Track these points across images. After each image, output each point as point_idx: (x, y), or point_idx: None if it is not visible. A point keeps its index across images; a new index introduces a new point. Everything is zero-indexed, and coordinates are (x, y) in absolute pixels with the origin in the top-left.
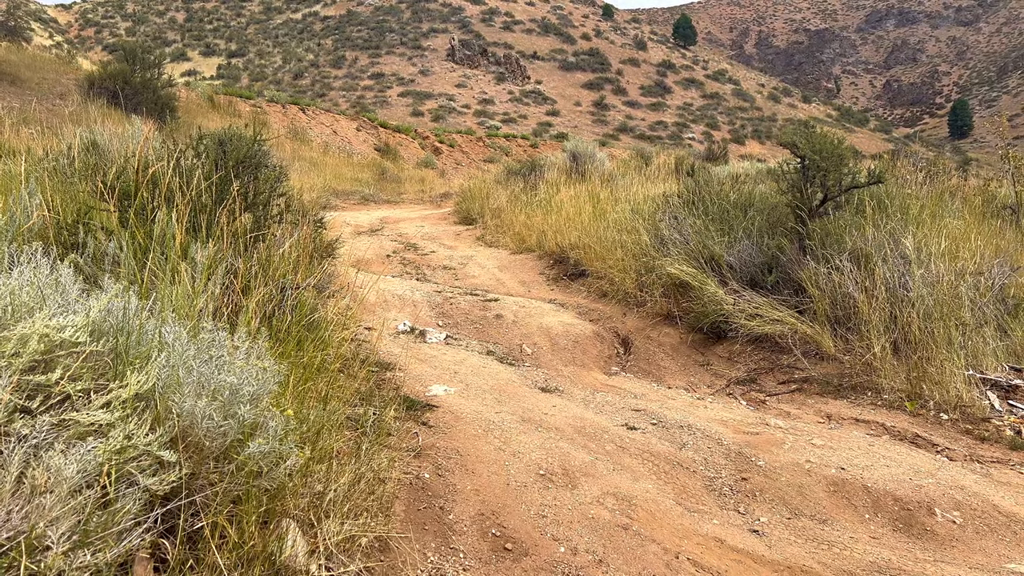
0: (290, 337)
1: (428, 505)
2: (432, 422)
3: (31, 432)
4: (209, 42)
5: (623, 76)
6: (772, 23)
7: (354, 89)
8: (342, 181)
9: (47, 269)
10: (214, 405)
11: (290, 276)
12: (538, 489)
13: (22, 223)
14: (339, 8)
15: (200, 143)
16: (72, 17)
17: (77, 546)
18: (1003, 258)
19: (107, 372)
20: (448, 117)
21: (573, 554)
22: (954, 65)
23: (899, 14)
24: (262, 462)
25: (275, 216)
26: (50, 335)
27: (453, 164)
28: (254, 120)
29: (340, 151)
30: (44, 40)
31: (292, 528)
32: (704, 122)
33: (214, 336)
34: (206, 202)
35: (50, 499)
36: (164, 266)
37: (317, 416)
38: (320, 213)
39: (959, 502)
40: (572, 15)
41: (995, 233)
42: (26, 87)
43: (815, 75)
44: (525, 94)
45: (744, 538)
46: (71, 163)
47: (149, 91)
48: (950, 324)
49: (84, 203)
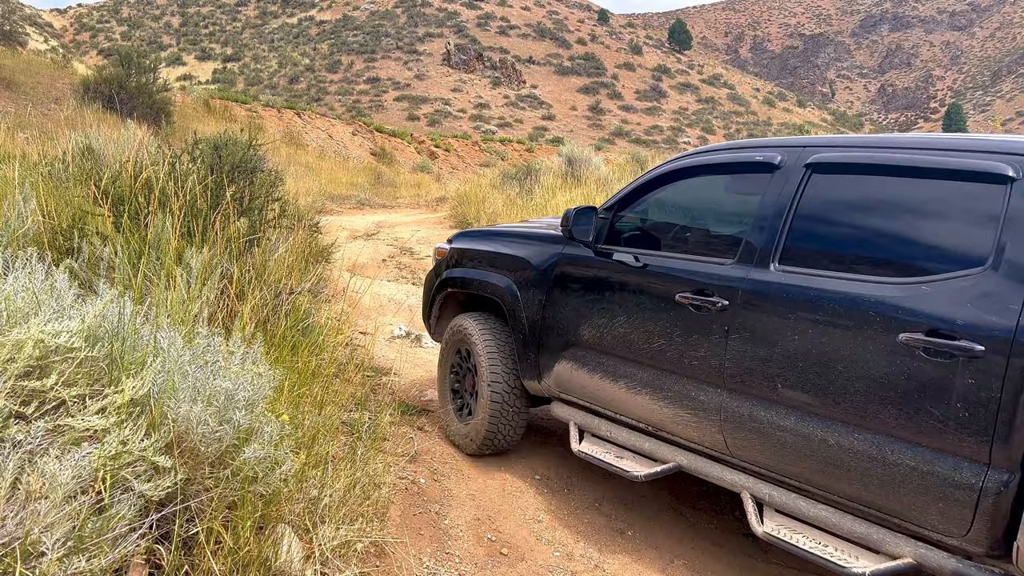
0: (285, 342)
1: (424, 510)
2: (428, 427)
3: (26, 438)
4: (204, 46)
5: (618, 80)
6: (767, 27)
7: (350, 94)
8: (338, 186)
9: (42, 274)
10: (209, 410)
11: (285, 281)
12: (534, 494)
13: (17, 228)
14: (335, 13)
15: (195, 148)
16: (67, 21)
17: (72, 552)
18: None
19: (102, 378)
20: (444, 122)
21: (568, 559)
22: (948, 70)
23: (893, 19)
24: (257, 467)
25: (270, 221)
26: (45, 341)
27: (449, 168)
28: (249, 125)
29: (336, 155)
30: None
31: (287, 533)
32: (699, 126)
33: (209, 341)
34: (201, 207)
35: (45, 505)
36: (159, 271)
37: (312, 421)
38: (316, 218)
39: None
40: (567, 20)
41: None
42: (21, 91)
43: (810, 79)
44: (521, 98)
45: (740, 543)
46: (66, 168)
47: (144, 96)
48: None
49: (79, 208)
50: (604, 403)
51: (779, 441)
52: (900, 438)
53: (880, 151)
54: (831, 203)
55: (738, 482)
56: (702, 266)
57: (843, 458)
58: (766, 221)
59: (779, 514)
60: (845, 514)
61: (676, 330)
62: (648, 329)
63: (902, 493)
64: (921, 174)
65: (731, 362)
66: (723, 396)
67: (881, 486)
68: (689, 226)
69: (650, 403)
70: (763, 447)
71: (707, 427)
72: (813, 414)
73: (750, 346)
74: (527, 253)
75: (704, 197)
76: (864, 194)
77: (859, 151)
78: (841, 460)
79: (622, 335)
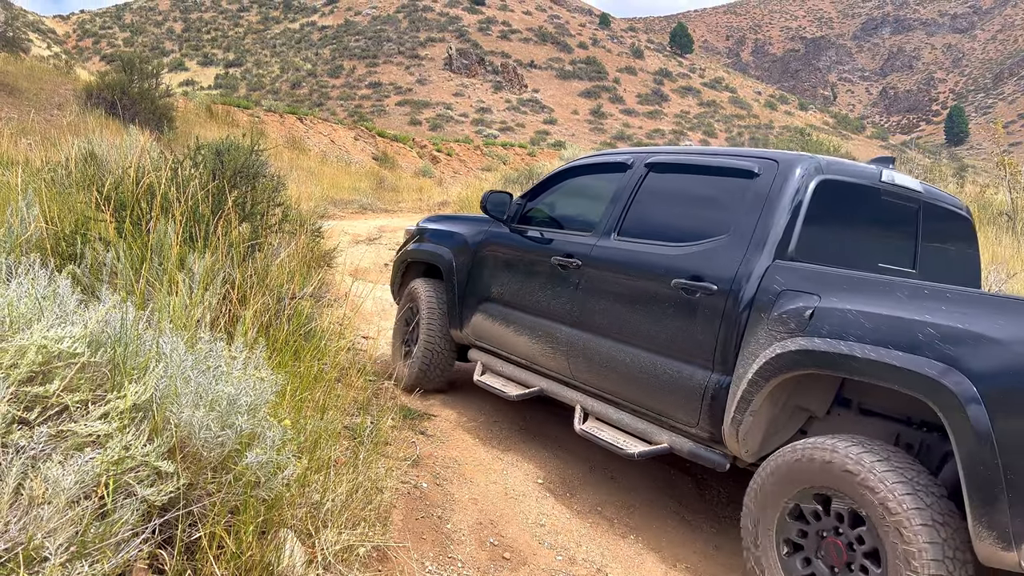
0: (287, 347)
1: (426, 514)
2: (430, 431)
3: (29, 443)
4: (207, 52)
5: (620, 84)
6: (768, 31)
7: (352, 98)
8: (340, 190)
9: (45, 280)
10: (212, 415)
11: (287, 286)
12: (536, 498)
13: (20, 234)
14: (337, 18)
15: (198, 153)
16: (70, 28)
17: (75, 557)
18: (999, 266)
19: (105, 383)
20: (446, 126)
21: (571, 563)
22: (950, 72)
23: (895, 22)
24: (260, 472)
25: (273, 226)
26: (48, 346)
27: (451, 173)
28: (252, 130)
29: (338, 160)
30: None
31: (290, 538)
32: (701, 130)
33: (211, 346)
34: (203, 212)
35: (48, 510)
36: (161, 276)
37: (315, 426)
38: (318, 222)
39: None
40: (569, 24)
41: (991, 240)
42: (24, 98)
43: (811, 82)
44: (522, 103)
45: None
46: (69, 174)
47: (147, 101)
48: None
49: (82, 214)
50: (500, 344)
51: (599, 363)
52: (667, 355)
53: (683, 155)
54: (653, 192)
55: (575, 398)
56: (574, 237)
57: (634, 373)
58: (616, 205)
59: (595, 420)
60: (634, 416)
61: (549, 284)
62: (533, 285)
63: (665, 396)
64: (699, 171)
65: (577, 305)
66: (570, 332)
67: (654, 392)
68: (574, 210)
69: (528, 342)
70: (590, 369)
71: (559, 357)
72: (620, 340)
73: (590, 293)
74: (465, 230)
75: (586, 189)
76: (669, 185)
77: (674, 155)
78: (633, 374)
79: (516, 290)
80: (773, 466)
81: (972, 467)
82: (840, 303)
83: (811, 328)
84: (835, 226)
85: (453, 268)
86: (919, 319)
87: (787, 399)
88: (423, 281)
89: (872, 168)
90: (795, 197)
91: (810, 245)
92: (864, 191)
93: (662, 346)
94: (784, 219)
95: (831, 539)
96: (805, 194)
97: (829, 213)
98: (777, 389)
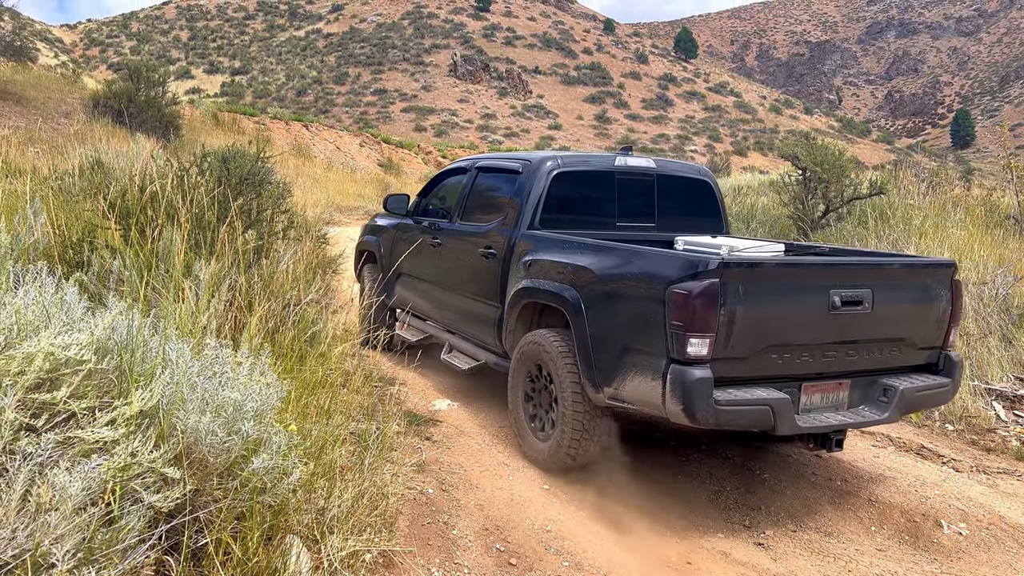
0: (292, 352)
1: (432, 520)
2: (435, 436)
3: (36, 450)
4: (213, 60)
5: (625, 89)
6: (773, 35)
7: (357, 105)
8: (345, 197)
9: (52, 288)
10: (218, 421)
11: (292, 292)
12: (542, 504)
13: (27, 242)
14: (342, 25)
15: (203, 160)
16: (77, 36)
17: (82, 563)
18: (1007, 268)
19: (112, 390)
20: (451, 132)
21: (577, 569)
22: (955, 75)
23: (900, 25)
24: (266, 478)
25: (278, 232)
26: (55, 353)
27: None
28: (258, 137)
29: (343, 167)
30: (49, 60)
31: (296, 544)
32: (706, 134)
33: (217, 353)
34: (209, 219)
35: (55, 516)
36: (168, 283)
37: (320, 431)
38: (323, 229)
39: (965, 513)
40: (573, 30)
41: (998, 243)
42: (31, 106)
43: (817, 87)
44: (527, 108)
45: (749, 551)
46: (76, 182)
47: (153, 109)
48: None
49: (88, 222)
50: (412, 306)
51: (452, 309)
52: (481, 300)
53: (493, 159)
54: (477, 187)
55: (446, 338)
56: (440, 222)
57: (468, 313)
58: (459, 197)
59: (454, 351)
60: (472, 345)
61: (430, 258)
62: (423, 259)
63: (480, 327)
64: (497, 171)
65: (441, 270)
66: (438, 290)
67: (476, 325)
68: (447, 202)
69: (424, 301)
70: (448, 314)
71: (436, 309)
72: (459, 293)
73: (445, 259)
74: (388, 223)
75: (452, 185)
76: (485, 182)
77: (489, 160)
78: (467, 315)
79: (417, 264)
80: (518, 353)
81: (579, 341)
82: (541, 256)
83: (528, 274)
84: (574, 202)
85: (381, 253)
86: (564, 261)
87: (521, 316)
88: (368, 267)
89: (609, 156)
90: (540, 185)
91: (552, 219)
92: (598, 175)
93: (478, 294)
94: (533, 201)
95: (542, 388)
96: (547, 182)
97: (567, 194)
98: (519, 312)
